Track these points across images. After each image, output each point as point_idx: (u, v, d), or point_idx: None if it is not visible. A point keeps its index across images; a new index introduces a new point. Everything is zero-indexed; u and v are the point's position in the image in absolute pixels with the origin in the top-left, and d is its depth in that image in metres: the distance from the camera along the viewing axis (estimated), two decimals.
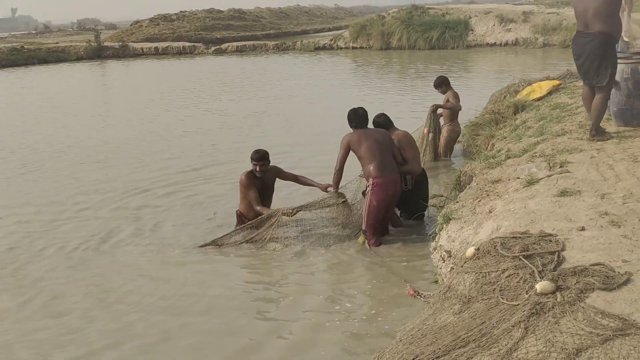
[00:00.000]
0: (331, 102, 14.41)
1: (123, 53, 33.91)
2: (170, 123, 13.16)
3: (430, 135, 8.37)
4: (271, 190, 6.50)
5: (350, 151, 5.83)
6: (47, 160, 10.27)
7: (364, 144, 5.72)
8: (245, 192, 6.23)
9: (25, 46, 33.46)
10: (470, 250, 3.79)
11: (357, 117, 5.89)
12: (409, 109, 12.16)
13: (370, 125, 6.08)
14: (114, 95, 19.69)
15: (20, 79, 25.18)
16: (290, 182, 6.69)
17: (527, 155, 5.76)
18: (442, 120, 8.63)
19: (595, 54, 5.60)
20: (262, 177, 6.26)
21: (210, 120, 13.23)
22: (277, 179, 6.52)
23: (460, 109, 8.53)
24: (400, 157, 6.02)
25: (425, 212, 6.35)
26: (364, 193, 5.91)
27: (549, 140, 6.07)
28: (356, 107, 6.03)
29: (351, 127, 5.90)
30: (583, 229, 3.73)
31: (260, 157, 6.22)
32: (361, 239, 5.77)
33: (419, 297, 4.49)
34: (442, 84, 8.55)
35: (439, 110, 8.50)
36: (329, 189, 6.15)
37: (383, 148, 5.76)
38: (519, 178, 5.06)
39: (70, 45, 34.71)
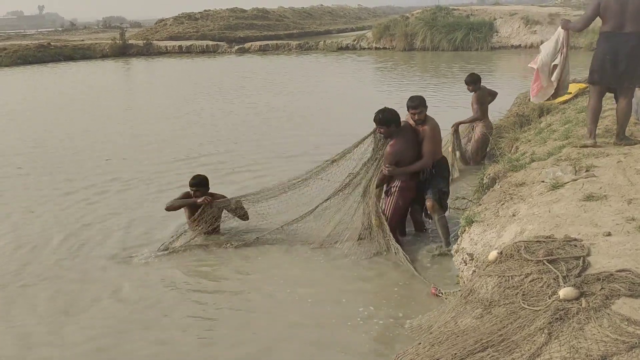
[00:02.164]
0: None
1: (147, 51, 34.22)
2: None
3: (457, 153, 8.21)
4: (215, 220, 6.19)
5: None
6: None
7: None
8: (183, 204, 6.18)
9: (51, 43, 33.90)
10: (493, 254, 3.75)
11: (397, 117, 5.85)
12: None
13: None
14: (158, 91, 19.66)
15: (57, 75, 25.56)
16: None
17: (552, 158, 5.69)
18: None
19: (636, 54, 5.48)
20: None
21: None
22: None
23: (479, 118, 8.25)
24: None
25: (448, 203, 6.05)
26: (387, 192, 5.86)
27: (574, 144, 5.99)
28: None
29: (389, 128, 5.61)
30: (609, 234, 3.67)
31: (196, 182, 6.07)
32: (376, 221, 5.69)
33: (440, 295, 4.48)
34: (472, 82, 8.31)
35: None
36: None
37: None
38: (543, 182, 5.00)
39: (96, 43, 35.10)
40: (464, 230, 4.90)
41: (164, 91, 19.00)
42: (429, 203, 5.67)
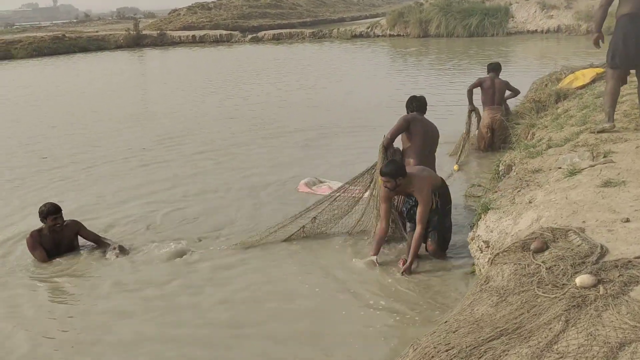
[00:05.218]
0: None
1: (161, 41, 34.33)
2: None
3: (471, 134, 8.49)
4: (70, 248, 5.86)
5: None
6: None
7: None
8: (32, 252, 5.71)
9: (66, 35, 34.10)
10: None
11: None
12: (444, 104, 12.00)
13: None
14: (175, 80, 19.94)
15: (73, 65, 25.77)
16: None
17: (570, 144, 5.61)
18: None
19: None
20: (54, 235, 5.72)
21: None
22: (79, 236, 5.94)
23: (472, 110, 8.54)
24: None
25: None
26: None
27: (592, 129, 5.90)
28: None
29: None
30: (627, 220, 3.61)
31: (56, 209, 5.69)
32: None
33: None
34: (491, 70, 8.65)
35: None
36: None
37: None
38: (560, 168, 4.94)
39: (110, 34, 35.26)
40: (480, 218, 4.86)
41: (190, 79, 19.30)
42: (431, 248, 5.30)
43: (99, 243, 5.92)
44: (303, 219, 5.93)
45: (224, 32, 35.63)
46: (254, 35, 34.55)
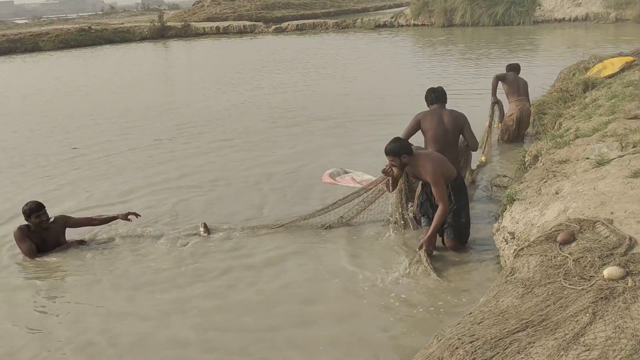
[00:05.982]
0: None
1: (185, 33, 34.53)
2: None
3: (495, 124, 8.40)
4: (57, 244, 5.76)
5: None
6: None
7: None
8: (19, 245, 5.65)
9: (92, 27, 34.48)
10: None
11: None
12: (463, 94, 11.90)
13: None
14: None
15: (102, 57, 26.08)
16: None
17: (598, 134, 5.51)
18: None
19: None
20: (41, 232, 5.66)
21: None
22: (67, 228, 5.89)
23: (495, 102, 8.43)
24: None
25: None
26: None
27: (621, 120, 5.79)
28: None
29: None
30: None
31: (39, 207, 5.62)
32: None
33: None
34: (511, 70, 8.57)
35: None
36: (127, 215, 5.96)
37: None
38: (588, 158, 4.86)
39: (135, 26, 35.57)
40: (505, 209, 4.81)
41: (218, 68, 19.52)
42: (449, 244, 5.22)
43: (94, 223, 6.00)
44: (342, 208, 5.96)
45: (248, 23, 35.69)
46: (278, 25, 34.56)
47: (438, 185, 4.93)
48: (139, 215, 6.09)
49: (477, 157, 7.62)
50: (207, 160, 8.75)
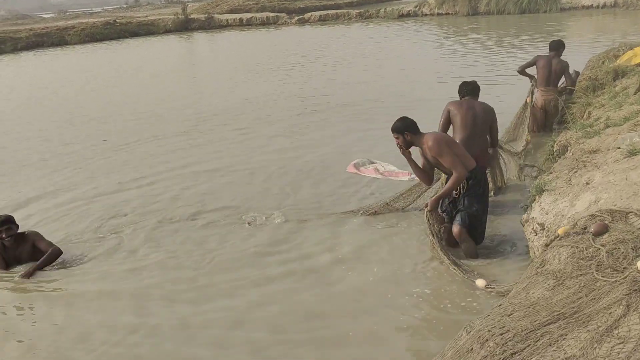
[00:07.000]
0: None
1: (209, 25, 34.59)
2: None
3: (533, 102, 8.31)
4: (29, 259, 5.38)
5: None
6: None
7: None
8: None
9: (117, 20, 34.76)
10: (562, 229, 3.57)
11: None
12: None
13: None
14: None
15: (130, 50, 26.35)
16: None
17: (629, 123, 5.40)
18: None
19: None
20: (9, 246, 5.33)
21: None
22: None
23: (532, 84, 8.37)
24: None
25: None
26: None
27: None
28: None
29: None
30: None
31: (5, 220, 5.31)
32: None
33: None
34: (552, 49, 8.48)
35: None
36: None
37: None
38: (619, 148, 4.77)
39: (159, 19, 35.73)
40: (535, 200, 4.75)
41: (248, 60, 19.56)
42: (455, 230, 4.84)
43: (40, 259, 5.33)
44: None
45: (271, 14, 35.61)
46: (301, 16, 34.44)
47: (444, 154, 4.70)
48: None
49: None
50: (237, 150, 8.96)
